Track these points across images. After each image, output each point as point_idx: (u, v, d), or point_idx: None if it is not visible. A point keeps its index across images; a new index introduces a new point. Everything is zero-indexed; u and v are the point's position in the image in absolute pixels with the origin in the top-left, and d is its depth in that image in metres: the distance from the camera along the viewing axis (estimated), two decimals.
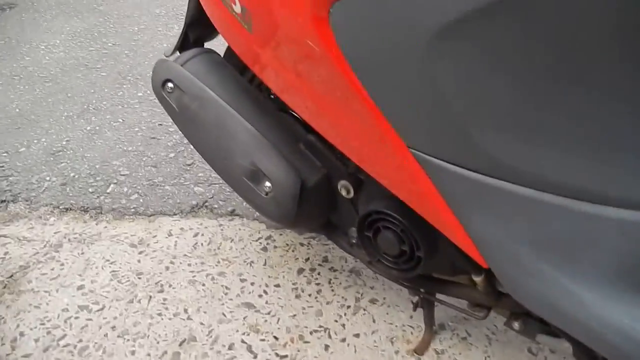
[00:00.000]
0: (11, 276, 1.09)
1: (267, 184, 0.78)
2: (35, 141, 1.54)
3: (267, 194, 0.79)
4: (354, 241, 0.86)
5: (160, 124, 1.61)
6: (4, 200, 1.31)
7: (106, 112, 1.68)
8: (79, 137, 1.55)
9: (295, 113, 0.70)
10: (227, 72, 0.88)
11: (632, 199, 0.45)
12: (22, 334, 0.97)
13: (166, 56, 1.11)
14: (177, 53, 1.10)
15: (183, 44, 1.08)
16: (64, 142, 1.53)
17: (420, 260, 0.70)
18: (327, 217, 0.88)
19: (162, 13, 2.47)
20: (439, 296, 0.85)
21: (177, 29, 2.30)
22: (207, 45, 1.14)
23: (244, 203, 1.28)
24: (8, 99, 1.76)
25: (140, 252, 1.15)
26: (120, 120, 1.63)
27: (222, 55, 0.97)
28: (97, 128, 1.60)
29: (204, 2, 0.84)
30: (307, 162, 0.81)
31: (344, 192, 0.80)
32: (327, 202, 0.84)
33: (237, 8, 0.63)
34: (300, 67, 0.59)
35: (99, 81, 1.87)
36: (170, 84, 0.85)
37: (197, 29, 1.06)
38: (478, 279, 0.67)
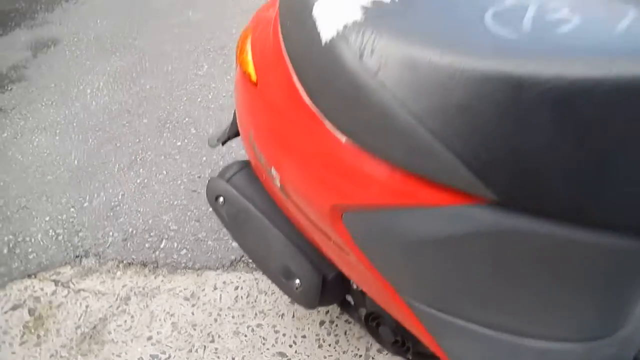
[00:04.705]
0: (94, 327, 1.38)
1: (297, 281, 1.04)
2: (95, 195, 1.81)
3: (297, 289, 1.04)
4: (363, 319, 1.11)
5: (199, 176, 1.87)
6: (78, 256, 1.60)
7: (152, 163, 1.94)
8: (131, 190, 1.82)
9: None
10: (261, 186, 1.12)
11: (544, 334, 0.69)
12: None
13: (210, 146, 1.36)
14: (220, 144, 1.34)
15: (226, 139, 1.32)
16: (120, 197, 1.80)
17: (409, 348, 0.95)
18: (342, 298, 1.13)
19: (191, 49, 2.69)
20: None
21: (206, 67, 2.53)
22: None
23: None
24: (67, 150, 2.03)
25: (193, 305, 1.43)
26: (164, 173, 1.89)
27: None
28: (146, 181, 1.86)
29: (254, 167, 1.06)
30: (327, 261, 1.06)
31: (355, 285, 1.05)
32: (343, 290, 1.09)
33: (277, 183, 0.87)
34: (322, 232, 0.83)
35: (142, 129, 2.12)
36: (221, 199, 1.10)
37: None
38: None
